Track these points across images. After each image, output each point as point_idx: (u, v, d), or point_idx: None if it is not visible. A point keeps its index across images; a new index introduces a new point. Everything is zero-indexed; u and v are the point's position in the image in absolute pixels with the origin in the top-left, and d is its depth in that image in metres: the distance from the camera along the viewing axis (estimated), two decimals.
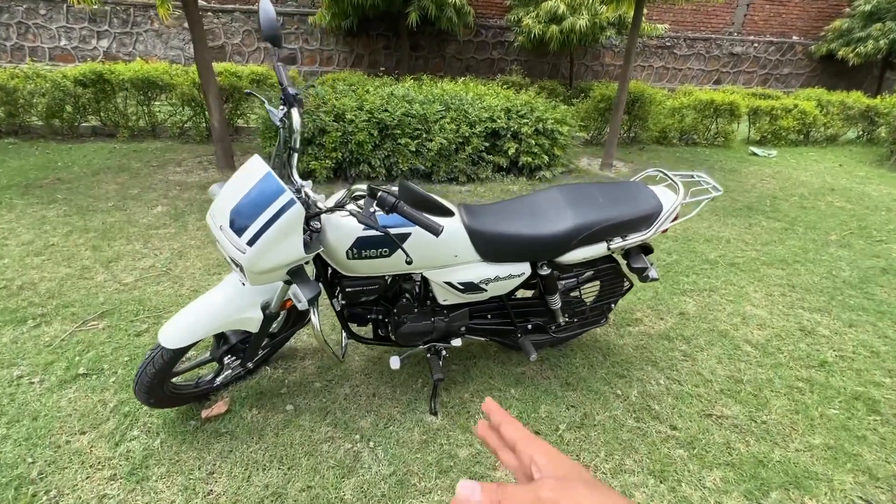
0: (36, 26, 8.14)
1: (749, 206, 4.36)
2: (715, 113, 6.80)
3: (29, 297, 2.38)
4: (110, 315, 2.28)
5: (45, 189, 3.84)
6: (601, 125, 6.57)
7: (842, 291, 2.84)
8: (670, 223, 1.72)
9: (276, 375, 1.96)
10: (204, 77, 4.22)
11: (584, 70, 10.35)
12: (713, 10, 10.50)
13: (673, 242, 3.45)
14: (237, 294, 1.56)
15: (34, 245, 2.90)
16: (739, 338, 2.36)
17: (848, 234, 3.79)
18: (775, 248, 3.45)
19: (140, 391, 1.53)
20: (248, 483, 1.50)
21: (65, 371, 1.90)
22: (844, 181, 5.45)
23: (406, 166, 4.41)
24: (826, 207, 4.45)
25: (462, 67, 9.88)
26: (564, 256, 1.66)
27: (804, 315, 2.58)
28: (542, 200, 1.71)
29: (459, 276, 1.61)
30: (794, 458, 1.67)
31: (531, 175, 4.83)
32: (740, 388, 2.01)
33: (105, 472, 1.51)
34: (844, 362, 2.20)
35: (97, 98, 5.33)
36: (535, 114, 4.63)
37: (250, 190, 1.28)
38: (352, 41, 9.25)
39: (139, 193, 3.89)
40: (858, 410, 1.91)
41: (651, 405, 1.89)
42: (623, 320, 2.46)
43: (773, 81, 11.28)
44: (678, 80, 10.90)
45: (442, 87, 5.01)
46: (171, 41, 8.71)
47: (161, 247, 3.00)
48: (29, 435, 1.61)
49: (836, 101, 7.60)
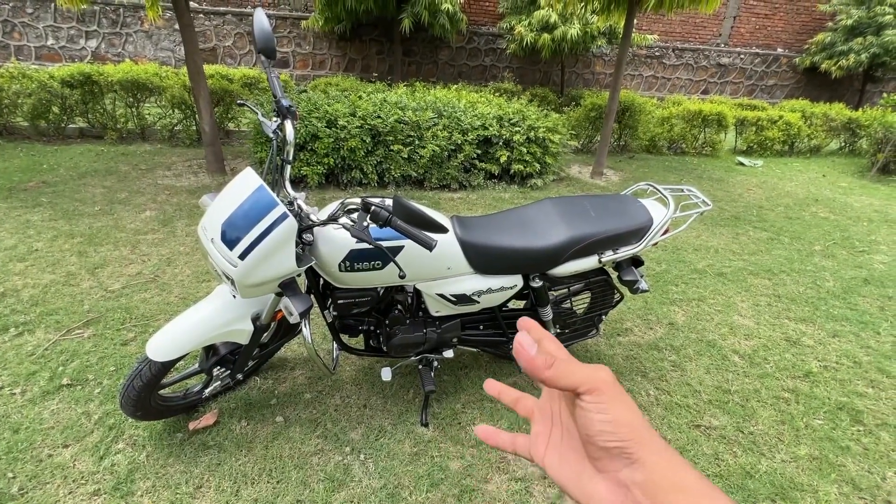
0: (22, 25, 8.00)
1: (736, 216, 4.43)
2: (703, 123, 6.92)
3: (11, 304, 2.33)
4: (96, 323, 2.24)
5: (29, 192, 3.76)
6: (592, 133, 6.64)
7: (826, 301, 2.90)
8: (661, 237, 1.74)
9: (266, 386, 1.94)
10: (194, 80, 4.18)
11: (575, 78, 10.47)
12: (701, 22, 10.72)
13: (662, 252, 3.49)
14: (227, 306, 1.55)
15: (17, 250, 2.84)
16: (727, 348, 2.39)
17: (831, 244, 3.87)
18: (762, 258, 3.51)
19: (126, 404, 1.50)
20: (236, 497, 1.48)
21: (48, 382, 1.86)
22: (828, 192, 5.58)
23: (398, 173, 4.41)
24: (810, 218, 4.54)
25: (455, 73, 9.93)
26: (556, 269, 1.67)
27: (790, 325, 2.63)
28: (535, 213, 1.73)
29: (452, 288, 1.61)
30: (781, 469, 1.69)
31: (523, 183, 4.86)
32: (728, 398, 2.03)
33: (89, 486, 1.47)
34: (828, 372, 2.24)
35: (85, 99, 5.25)
36: (527, 122, 4.67)
37: (242, 202, 1.27)
38: (345, 45, 9.25)
39: (127, 197, 3.84)
40: (842, 420, 1.94)
41: None
42: (613, 330, 2.48)
43: (759, 92, 11.52)
44: (667, 89, 11.07)
45: (435, 95, 5.02)
46: (162, 42, 8.62)
47: (149, 253, 2.96)
48: (9, 448, 1.57)
49: (820, 112, 7.79)
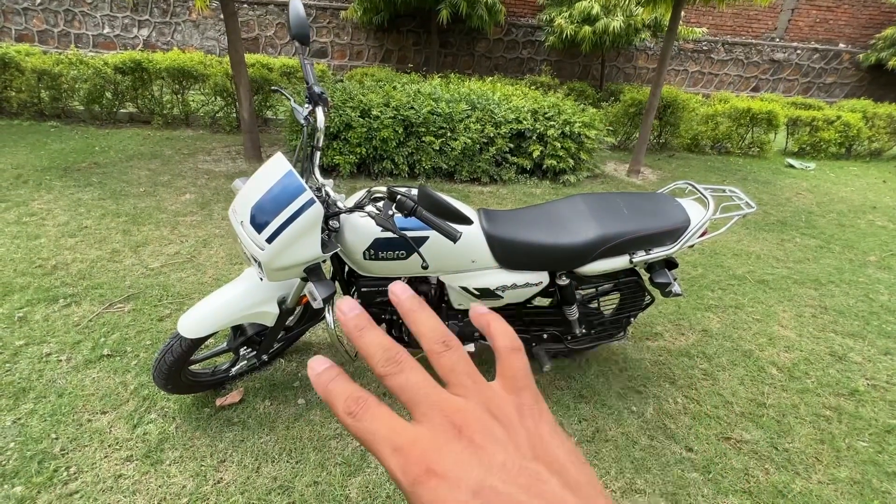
0: (82, 14, 8.46)
1: (782, 221, 4.18)
2: (751, 122, 6.55)
3: (62, 276, 2.48)
4: (135, 299, 2.35)
5: (82, 172, 3.99)
6: (630, 130, 6.41)
7: (878, 316, 2.70)
8: (698, 239, 1.66)
9: (290, 368, 1.99)
10: (236, 69, 4.30)
11: (615, 72, 10.12)
12: (755, 15, 10.10)
13: (699, 255, 3.34)
14: (255, 288, 1.59)
15: (69, 227, 3.02)
16: (765, 359, 2.26)
17: (889, 255, 3.59)
18: (808, 267, 3.30)
19: (158, 377, 1.57)
20: (257, 474, 1.52)
21: (90, 351, 1.97)
22: (888, 199, 5.18)
23: (429, 164, 4.40)
24: (866, 226, 4.23)
25: (491, 66, 9.79)
26: (584, 267, 1.62)
27: (836, 339, 2.46)
28: (564, 209, 1.68)
29: (476, 281, 1.59)
30: (817, 491, 1.59)
31: (555, 179, 4.75)
32: (763, 412, 1.93)
33: (122, 452, 1.56)
34: (877, 392, 2.09)
35: (135, 85, 5.51)
36: (563, 116, 4.55)
37: (272, 187, 1.29)
38: (382, 36, 9.29)
39: (169, 180, 4.01)
40: (890, 445, 1.81)
41: (667, 424, 1.84)
42: (642, 334, 2.39)
43: (816, 90, 10.79)
44: (714, 85, 10.54)
45: (469, 86, 4.97)
46: (208, 32, 8.92)
47: (187, 234, 3.08)
48: (54, 411, 1.68)
49: (884, 113, 7.21)
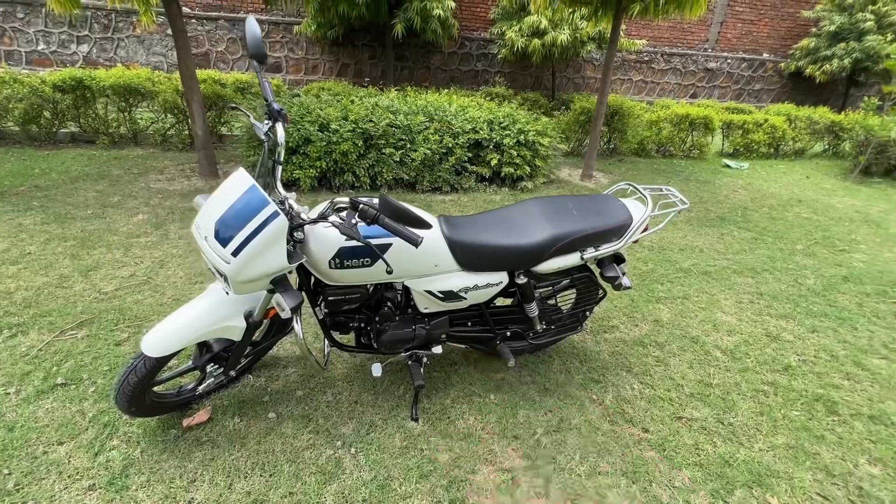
0: (13, 30, 7.98)
1: (722, 217, 4.53)
2: (690, 126, 7.05)
3: (4, 306, 2.35)
4: (90, 324, 2.26)
5: (20, 196, 3.77)
6: (582, 137, 6.74)
7: (806, 298, 2.99)
8: (640, 234, 1.81)
9: (259, 384, 1.98)
10: (187, 85, 4.22)
11: (566, 82, 10.61)
12: (689, 27, 10.91)
13: (649, 252, 3.57)
14: (220, 303, 1.58)
15: (10, 253, 2.85)
16: (710, 343, 2.46)
17: (813, 243, 3.97)
18: (745, 258, 3.60)
19: (121, 400, 1.53)
20: (229, 490, 1.51)
21: (42, 381, 1.88)
22: (811, 193, 5.71)
23: (390, 176, 4.46)
24: (793, 218, 4.65)
25: (447, 78, 10.02)
26: (540, 266, 1.73)
27: (771, 321, 2.71)
28: (519, 212, 1.79)
29: (439, 284, 1.66)
30: (758, 458, 1.76)
31: (513, 185, 4.93)
32: (709, 391, 2.10)
33: (84, 482, 1.50)
34: (806, 366, 2.32)
35: (76, 104, 5.25)
36: (517, 126, 4.75)
37: (235, 202, 1.32)
38: (337, 50, 9.31)
39: (120, 201, 3.85)
40: (818, 412, 2.01)
41: (625, 409, 1.97)
42: (599, 327, 2.54)
43: (747, 96, 11.74)
44: (656, 93, 11.25)
45: (426, 99, 5.09)
46: (154, 47, 8.63)
47: (142, 255, 2.98)
48: (4, 446, 1.60)
49: (804, 116, 7.96)
